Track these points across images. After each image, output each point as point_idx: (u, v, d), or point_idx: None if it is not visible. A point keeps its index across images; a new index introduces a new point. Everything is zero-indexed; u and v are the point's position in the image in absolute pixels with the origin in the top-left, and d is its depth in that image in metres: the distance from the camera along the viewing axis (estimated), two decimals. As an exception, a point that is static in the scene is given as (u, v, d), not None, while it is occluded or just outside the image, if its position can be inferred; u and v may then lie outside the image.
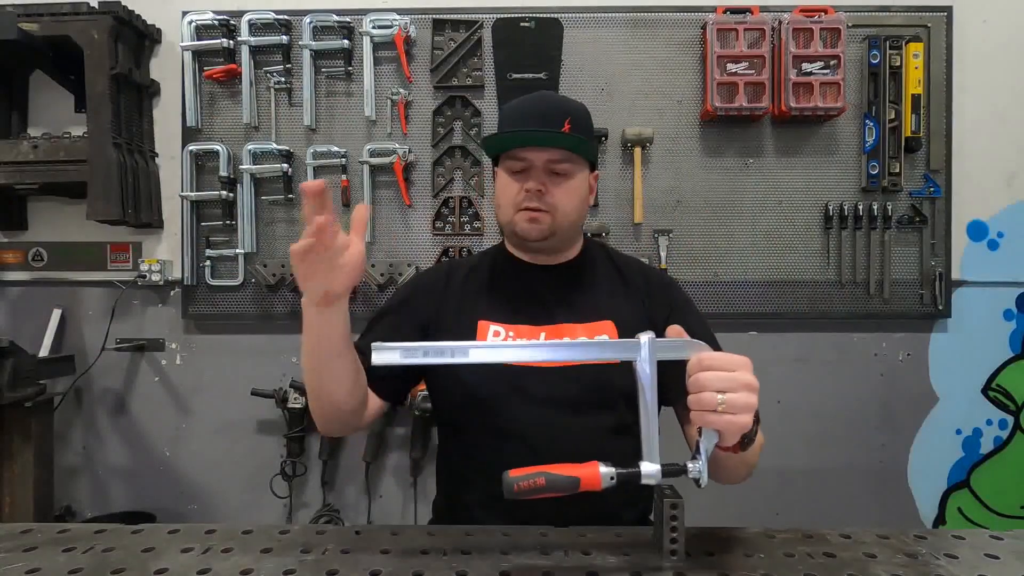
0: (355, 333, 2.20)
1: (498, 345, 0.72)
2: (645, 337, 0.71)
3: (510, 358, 0.71)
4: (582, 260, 1.10)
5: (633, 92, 1.95)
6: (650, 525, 0.79)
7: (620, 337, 0.99)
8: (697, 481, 0.69)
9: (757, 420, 0.74)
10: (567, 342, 0.80)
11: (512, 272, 1.08)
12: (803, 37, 1.85)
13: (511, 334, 1.00)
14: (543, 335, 1.00)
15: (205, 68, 1.94)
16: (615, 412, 0.98)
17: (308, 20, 1.90)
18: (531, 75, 1.92)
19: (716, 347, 0.98)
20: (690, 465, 0.69)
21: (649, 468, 0.68)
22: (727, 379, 0.68)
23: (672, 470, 0.68)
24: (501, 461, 0.97)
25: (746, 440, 0.72)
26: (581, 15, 1.96)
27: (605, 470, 0.66)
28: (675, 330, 0.75)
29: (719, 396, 0.67)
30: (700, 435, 0.70)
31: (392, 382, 1.01)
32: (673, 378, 0.75)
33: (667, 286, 1.10)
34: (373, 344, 0.71)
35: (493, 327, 1.00)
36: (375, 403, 0.99)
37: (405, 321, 1.04)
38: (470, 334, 1.00)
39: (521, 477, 0.65)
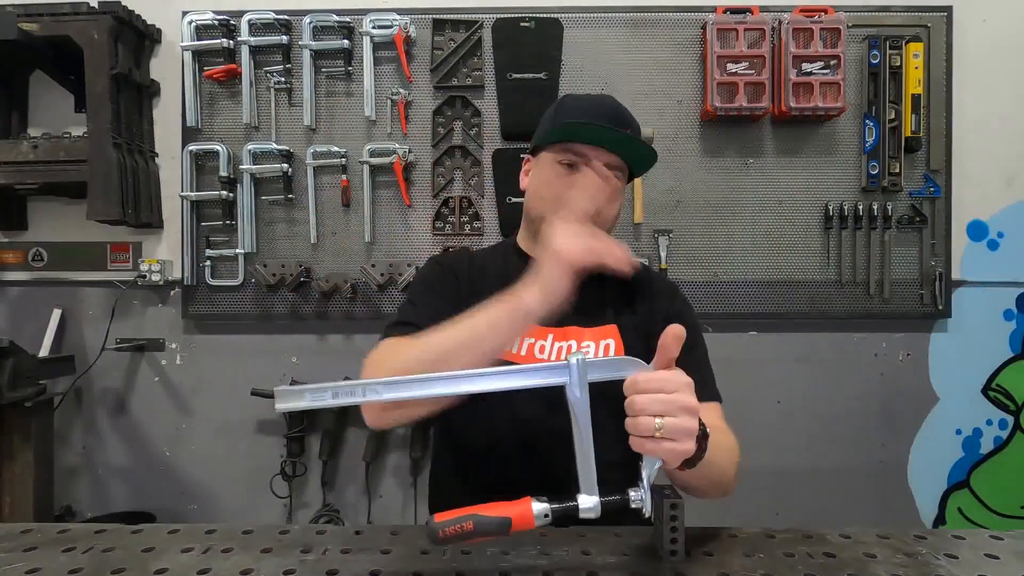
0: (359, 333, 2.15)
1: (415, 380, 0.65)
2: (574, 359, 0.65)
3: (428, 393, 0.65)
4: None
5: (633, 92, 1.95)
6: (650, 525, 0.79)
7: (623, 343, 0.99)
8: (640, 511, 0.65)
9: (705, 435, 0.70)
10: (491, 371, 0.70)
11: (524, 270, 1.08)
12: (803, 37, 1.85)
13: None
14: (551, 336, 0.99)
15: (205, 68, 1.93)
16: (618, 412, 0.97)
17: (308, 20, 1.90)
18: (531, 75, 1.92)
19: (704, 357, 0.98)
20: (632, 494, 0.64)
21: (587, 502, 0.63)
22: (665, 402, 0.63)
23: (612, 503, 0.64)
24: (500, 460, 0.97)
25: (690, 463, 0.69)
26: (581, 15, 1.95)
27: (538, 507, 0.62)
28: None
29: (656, 421, 0.63)
30: (642, 461, 0.65)
31: None
32: None
33: (669, 294, 1.09)
34: (276, 390, 0.66)
35: None
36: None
37: (449, 297, 0.99)
38: None
39: (447, 522, 0.61)
